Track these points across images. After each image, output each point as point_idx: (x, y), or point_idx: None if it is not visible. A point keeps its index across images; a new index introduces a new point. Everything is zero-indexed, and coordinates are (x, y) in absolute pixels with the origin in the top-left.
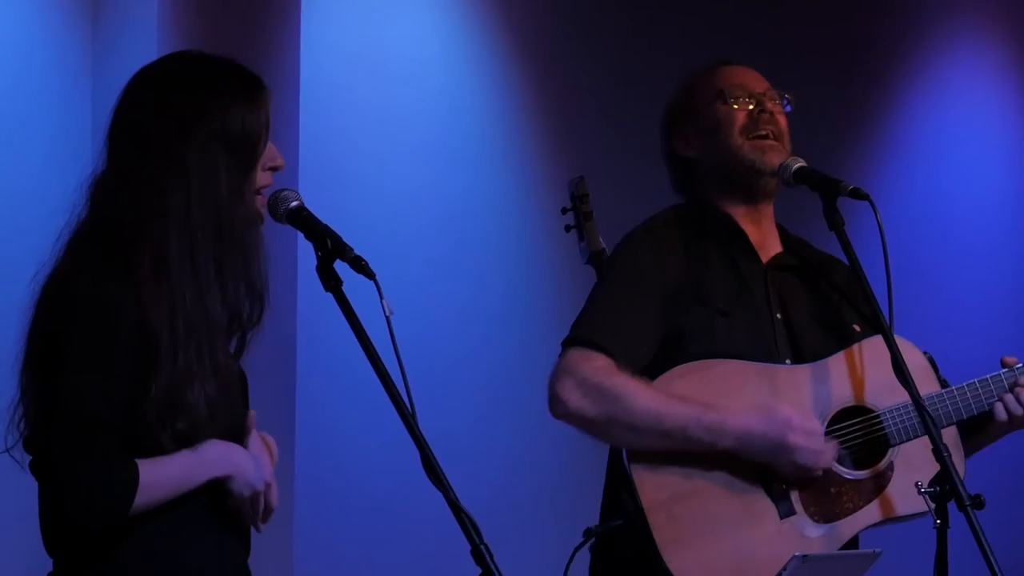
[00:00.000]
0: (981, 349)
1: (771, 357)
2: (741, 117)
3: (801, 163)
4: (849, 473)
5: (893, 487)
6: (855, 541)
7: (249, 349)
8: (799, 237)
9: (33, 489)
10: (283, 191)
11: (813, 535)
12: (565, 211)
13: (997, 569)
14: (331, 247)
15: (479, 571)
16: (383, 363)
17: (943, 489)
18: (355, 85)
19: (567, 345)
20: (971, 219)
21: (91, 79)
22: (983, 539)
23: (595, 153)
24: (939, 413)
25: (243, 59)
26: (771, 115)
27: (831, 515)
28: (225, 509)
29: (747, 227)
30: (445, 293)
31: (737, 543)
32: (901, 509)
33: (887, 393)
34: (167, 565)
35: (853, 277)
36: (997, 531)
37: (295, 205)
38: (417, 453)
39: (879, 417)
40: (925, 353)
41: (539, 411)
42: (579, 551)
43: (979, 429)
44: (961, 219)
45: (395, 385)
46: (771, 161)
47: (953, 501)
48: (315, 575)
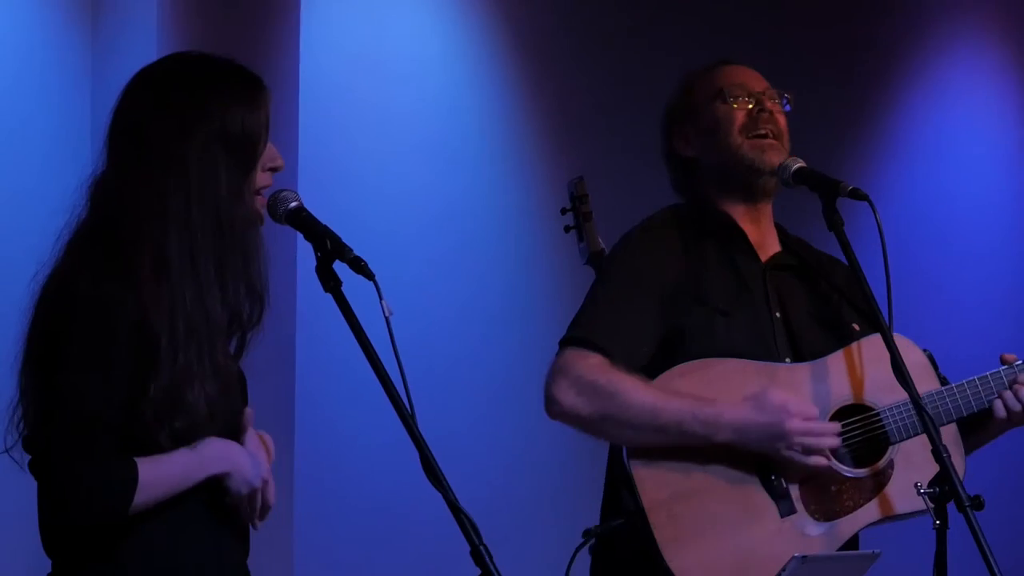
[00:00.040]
0: (981, 349)
1: (771, 356)
2: (740, 116)
3: (800, 163)
4: (849, 471)
5: (893, 485)
6: (855, 539)
7: (249, 350)
8: (798, 237)
9: (33, 489)
10: (282, 191)
11: (813, 533)
12: (564, 211)
13: (996, 570)
14: (330, 248)
15: (478, 572)
16: (382, 364)
17: (942, 490)
18: (355, 85)
19: (564, 345)
20: (971, 219)
21: (91, 79)
22: (982, 540)
23: (595, 153)
24: (939, 411)
25: (243, 59)
26: (771, 114)
27: (831, 513)
28: (224, 509)
29: (746, 226)
30: (444, 293)
31: (738, 542)
32: (901, 507)
33: (887, 391)
34: (166, 565)
35: (853, 277)
36: (997, 532)
37: (294, 206)
38: (416, 454)
39: (879, 415)
40: (924, 350)
41: (539, 411)
42: (579, 552)
43: (979, 426)
44: (961, 219)
45: (394, 386)
46: (770, 160)
47: (952, 502)
48: (315, 575)
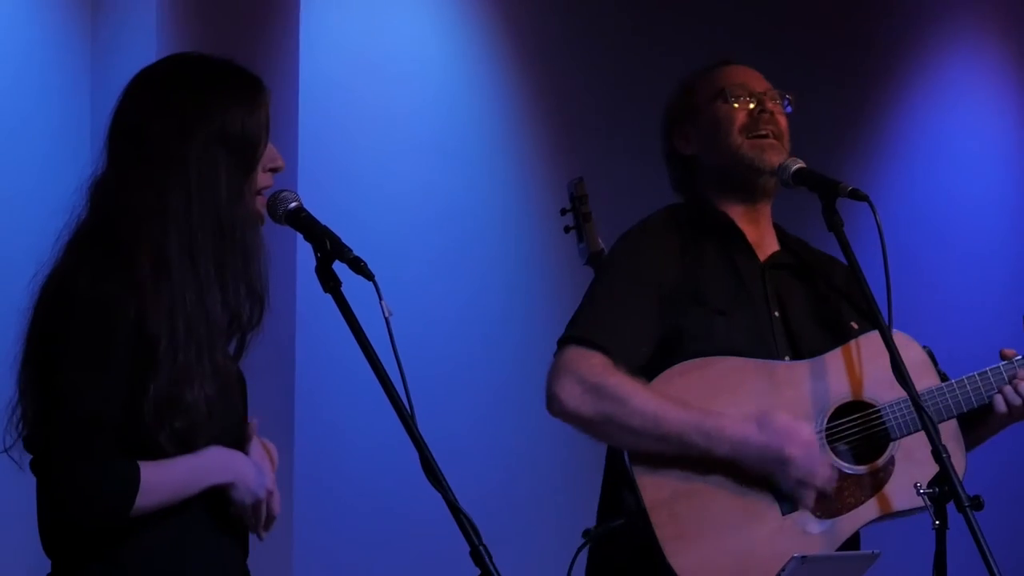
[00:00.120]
0: (980, 349)
1: (770, 355)
2: (741, 116)
3: (800, 164)
4: (850, 468)
5: (894, 482)
6: (856, 536)
7: (249, 350)
8: (797, 237)
9: (33, 489)
10: (282, 192)
11: (814, 531)
12: (564, 212)
13: (996, 570)
14: (330, 248)
15: (478, 572)
16: (382, 364)
17: (942, 490)
18: (354, 85)
19: (564, 343)
20: (971, 219)
21: (90, 79)
22: (982, 540)
23: (594, 154)
24: (939, 407)
25: (242, 59)
26: (771, 115)
27: (833, 511)
28: (224, 510)
29: (745, 226)
30: (444, 294)
31: (739, 540)
32: (901, 504)
33: (887, 387)
34: (166, 565)
35: (852, 277)
36: (996, 532)
37: (294, 206)
38: (416, 454)
39: (879, 412)
40: (924, 347)
41: (539, 411)
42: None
43: (979, 422)
44: (961, 219)
45: (394, 386)
46: (770, 160)
47: (952, 502)
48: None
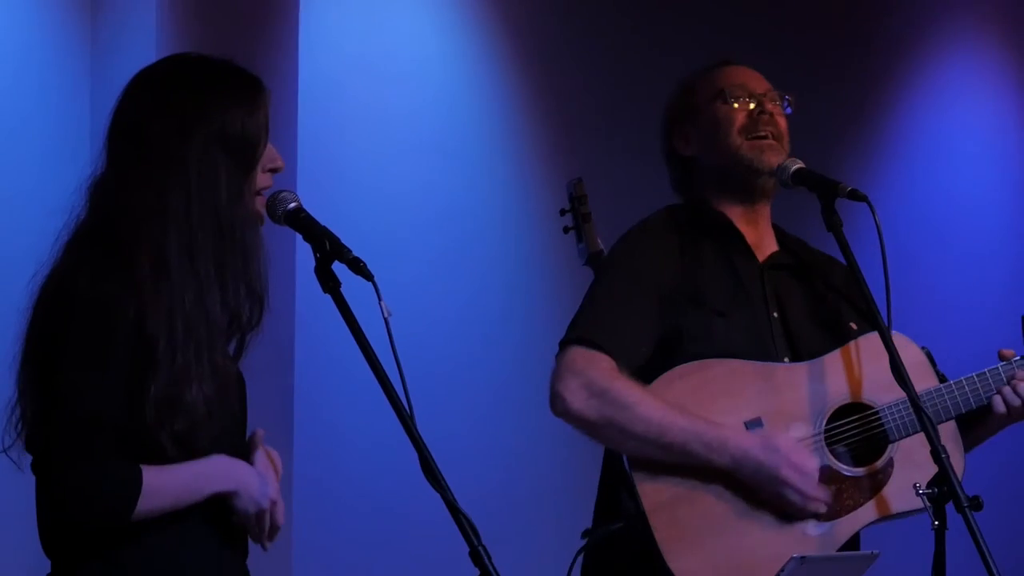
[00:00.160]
0: (980, 349)
1: (769, 356)
2: (741, 117)
3: (799, 164)
4: (849, 470)
5: (893, 484)
6: (856, 538)
7: (248, 351)
8: (796, 237)
9: (33, 489)
10: (281, 192)
11: (814, 533)
12: (563, 212)
13: (995, 570)
14: (329, 248)
15: (477, 572)
16: (381, 365)
17: (941, 490)
18: (354, 86)
19: (567, 344)
20: (970, 219)
21: (90, 79)
22: (981, 540)
23: (594, 154)
24: (938, 408)
25: (241, 60)
26: (771, 116)
27: (832, 513)
28: (226, 517)
29: (743, 227)
30: (443, 294)
31: (739, 543)
32: (900, 506)
33: (885, 389)
34: (166, 565)
35: (851, 277)
36: (995, 532)
37: (293, 206)
38: (415, 454)
39: (878, 413)
40: (923, 348)
41: (539, 411)
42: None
43: (978, 422)
44: (960, 219)
45: (393, 387)
46: (769, 160)
47: (951, 502)
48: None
